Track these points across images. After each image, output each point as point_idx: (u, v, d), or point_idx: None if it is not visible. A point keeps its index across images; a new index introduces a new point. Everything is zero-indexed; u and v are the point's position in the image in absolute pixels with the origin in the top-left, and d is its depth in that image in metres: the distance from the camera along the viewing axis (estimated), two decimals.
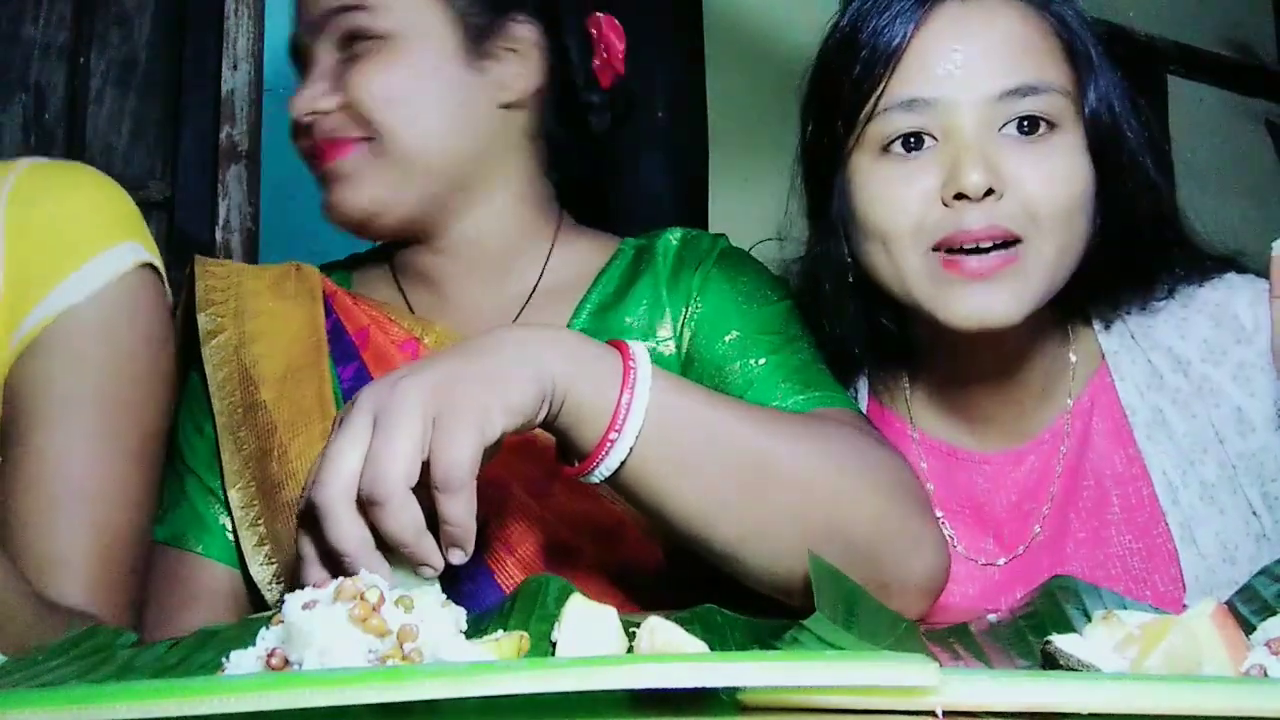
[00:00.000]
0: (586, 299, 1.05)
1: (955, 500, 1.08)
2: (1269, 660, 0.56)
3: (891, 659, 0.51)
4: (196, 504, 1.03)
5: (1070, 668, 0.59)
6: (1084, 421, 1.05)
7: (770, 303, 1.03)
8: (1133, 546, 1.02)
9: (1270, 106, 2.70)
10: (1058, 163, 0.94)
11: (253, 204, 1.80)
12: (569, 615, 0.63)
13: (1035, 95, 0.93)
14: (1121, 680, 0.54)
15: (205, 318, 1.06)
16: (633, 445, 0.73)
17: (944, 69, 0.94)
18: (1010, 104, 0.93)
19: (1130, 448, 1.03)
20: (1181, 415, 1.02)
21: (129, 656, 0.71)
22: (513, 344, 0.73)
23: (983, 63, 0.94)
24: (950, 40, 0.95)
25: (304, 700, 0.48)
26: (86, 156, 1.73)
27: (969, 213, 0.92)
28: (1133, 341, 1.05)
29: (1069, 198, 0.94)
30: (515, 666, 0.52)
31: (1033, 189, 0.93)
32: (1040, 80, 0.94)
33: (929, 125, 0.94)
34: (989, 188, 0.91)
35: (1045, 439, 1.06)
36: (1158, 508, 1.01)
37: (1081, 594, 0.78)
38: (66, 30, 1.74)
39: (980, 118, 0.93)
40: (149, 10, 1.80)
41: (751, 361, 0.98)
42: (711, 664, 0.50)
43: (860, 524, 0.79)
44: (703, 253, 1.06)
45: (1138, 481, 1.03)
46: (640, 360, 0.75)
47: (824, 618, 0.63)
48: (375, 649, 0.56)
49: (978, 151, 0.92)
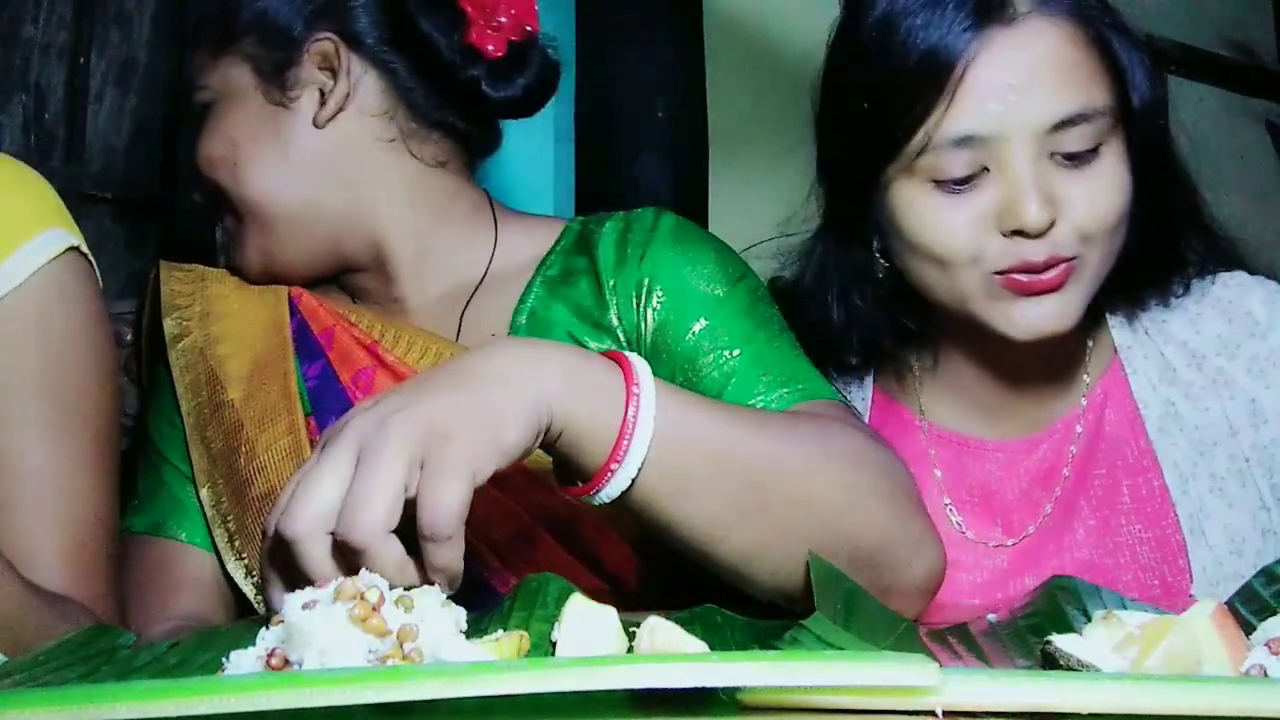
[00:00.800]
0: (532, 283, 1.05)
1: (964, 488, 1.09)
2: (1269, 660, 0.56)
3: (891, 659, 0.51)
4: (175, 491, 1.04)
5: (1070, 668, 0.59)
6: (1097, 413, 1.07)
7: (734, 282, 1.00)
8: (1142, 536, 1.03)
9: (1270, 106, 2.70)
10: (1104, 183, 0.95)
11: None
12: (569, 615, 0.63)
13: (1084, 124, 0.93)
14: (1121, 680, 0.54)
15: (171, 322, 1.07)
16: (637, 471, 0.71)
17: (998, 101, 0.93)
18: (1061, 134, 0.93)
19: (1142, 439, 1.05)
20: (1194, 408, 1.04)
21: (129, 656, 0.71)
22: (505, 370, 0.69)
23: (1034, 90, 0.93)
24: (1003, 72, 0.93)
25: (304, 700, 0.48)
26: (86, 156, 1.73)
27: (1030, 246, 0.93)
28: (1146, 336, 1.07)
29: (1116, 214, 0.95)
30: (515, 666, 0.52)
31: (1083, 212, 0.94)
32: (1088, 107, 0.93)
33: (982, 159, 0.93)
34: (1050, 223, 0.92)
35: (1058, 428, 1.07)
36: (1168, 499, 1.03)
37: (1081, 594, 0.78)
38: (66, 30, 1.73)
39: (1033, 148, 0.93)
40: (149, 10, 1.79)
41: (725, 354, 0.96)
42: (711, 664, 0.50)
43: (865, 534, 0.79)
44: (645, 235, 1.02)
45: (1148, 473, 1.04)
46: (644, 383, 0.71)
47: (824, 618, 0.63)
48: (375, 649, 0.56)
49: (1034, 186, 0.92)
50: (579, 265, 1.05)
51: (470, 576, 0.94)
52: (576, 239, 1.06)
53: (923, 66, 0.93)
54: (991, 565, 1.07)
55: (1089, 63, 0.95)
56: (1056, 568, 1.03)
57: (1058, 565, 1.04)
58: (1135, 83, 0.98)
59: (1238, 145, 2.63)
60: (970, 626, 0.76)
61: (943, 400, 1.11)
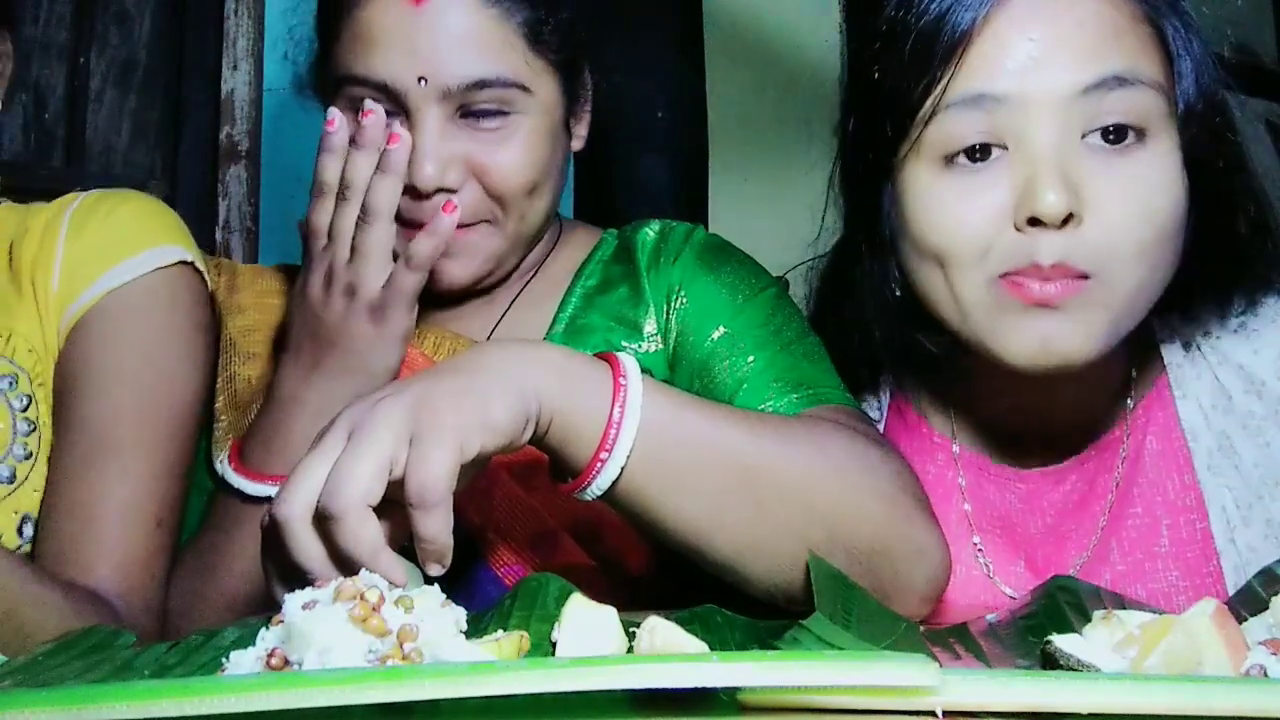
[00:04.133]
0: (571, 290, 1.06)
1: (988, 518, 0.98)
2: (1269, 660, 0.56)
3: (891, 659, 0.51)
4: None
5: (1070, 668, 0.59)
6: (1138, 440, 0.94)
7: (756, 293, 1.01)
8: (1178, 584, 0.91)
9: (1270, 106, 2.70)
10: (1147, 180, 0.81)
11: (253, 204, 1.80)
12: (569, 615, 0.63)
13: (1123, 89, 0.80)
14: (1121, 680, 0.54)
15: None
16: (624, 464, 0.72)
17: (1016, 60, 0.81)
18: (1094, 102, 0.80)
19: (1187, 474, 0.92)
20: (1252, 443, 0.90)
21: (129, 656, 0.71)
22: (495, 361, 0.71)
23: (1062, 51, 0.80)
24: (1025, 28, 0.81)
25: (304, 700, 0.48)
26: (86, 156, 1.73)
27: (1043, 242, 0.80)
28: (1198, 354, 0.94)
29: (1158, 226, 0.81)
30: (515, 666, 0.52)
31: (1117, 214, 0.80)
32: (1128, 70, 0.80)
33: (998, 129, 0.82)
34: (1069, 212, 0.79)
35: (1090, 455, 0.95)
36: (1211, 545, 0.91)
37: (1081, 594, 0.78)
38: (66, 30, 1.74)
39: (1059, 120, 0.80)
40: (149, 10, 1.80)
41: (741, 360, 0.97)
42: (711, 664, 0.50)
43: (862, 534, 0.78)
44: (680, 244, 1.05)
45: (1191, 513, 0.92)
46: (631, 376, 0.73)
47: (824, 618, 0.63)
48: (375, 649, 0.56)
49: (1055, 166, 0.80)
50: (616, 273, 1.06)
51: (487, 576, 0.95)
52: (615, 250, 1.08)
53: (935, 24, 0.83)
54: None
55: (1133, 29, 0.82)
56: None
57: None
58: (1191, 63, 0.84)
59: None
60: (970, 626, 0.75)
61: (968, 422, 1.00)
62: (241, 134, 1.79)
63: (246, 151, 1.79)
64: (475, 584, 0.95)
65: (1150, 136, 0.82)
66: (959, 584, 0.95)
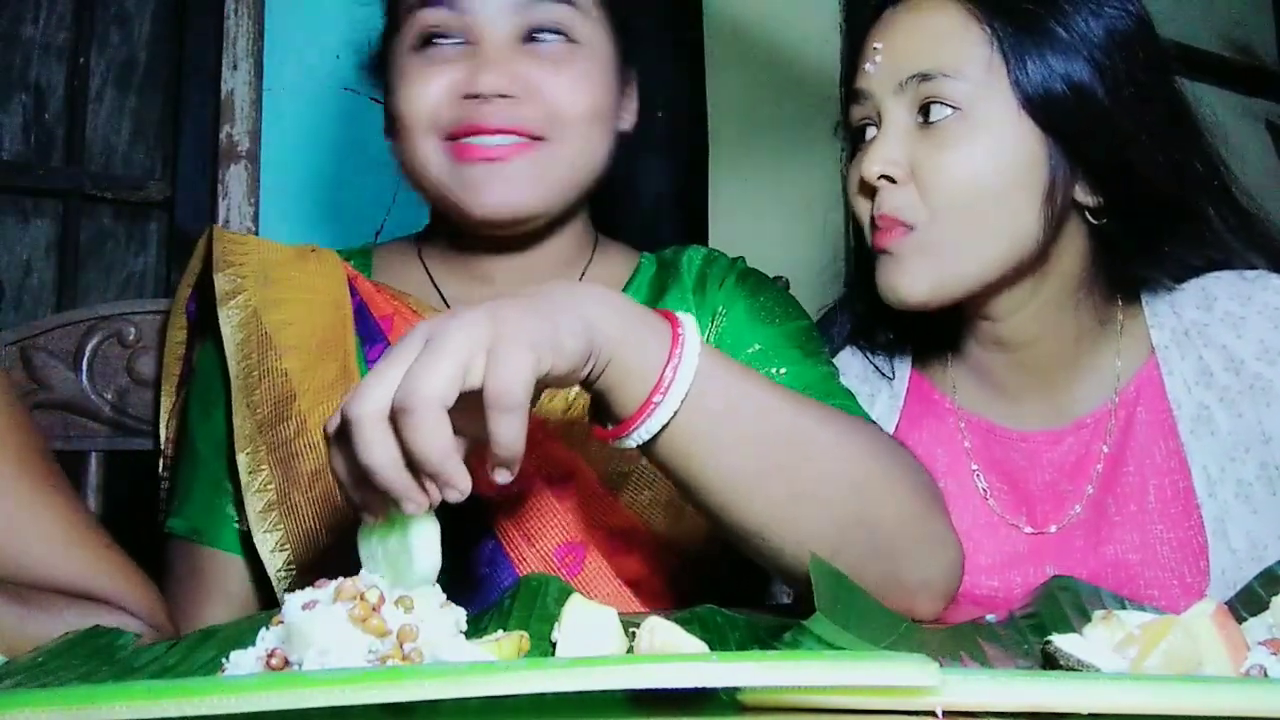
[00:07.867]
0: None
1: (993, 473, 1.11)
2: (1269, 660, 0.56)
3: (891, 659, 0.51)
4: (212, 497, 1.03)
5: (1070, 668, 0.59)
6: (1129, 411, 1.07)
7: (789, 319, 1.08)
8: (1164, 537, 1.03)
9: (1270, 106, 2.70)
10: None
11: (253, 204, 1.79)
12: (569, 615, 0.64)
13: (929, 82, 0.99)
14: (1121, 680, 0.54)
15: (224, 278, 1.05)
16: (674, 413, 0.73)
17: None
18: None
19: (1172, 440, 1.05)
20: (1228, 413, 1.03)
21: (129, 656, 0.71)
22: (565, 296, 0.72)
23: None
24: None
25: (304, 700, 0.48)
26: (86, 156, 1.73)
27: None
28: (1185, 338, 1.06)
29: (973, 190, 0.99)
30: (515, 666, 0.52)
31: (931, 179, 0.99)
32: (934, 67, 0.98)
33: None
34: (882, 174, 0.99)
35: (1086, 423, 1.08)
36: (1193, 501, 1.03)
37: (1081, 594, 0.78)
38: (66, 30, 1.74)
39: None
40: (149, 10, 1.80)
41: (772, 371, 1.02)
42: (711, 664, 0.50)
43: (887, 514, 0.80)
44: (724, 270, 1.10)
45: (1176, 474, 1.04)
46: (689, 329, 0.74)
47: (824, 618, 0.63)
48: (375, 649, 0.57)
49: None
50: (659, 292, 1.09)
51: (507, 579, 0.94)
52: (655, 274, 1.11)
53: None
54: (1011, 549, 1.07)
55: (964, 32, 0.99)
56: (1080, 561, 1.04)
57: (1081, 559, 1.05)
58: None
59: (1238, 145, 2.63)
60: (970, 626, 0.76)
61: (971, 385, 1.13)
62: (241, 134, 1.78)
63: (246, 151, 1.79)
64: (498, 586, 0.95)
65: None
66: (975, 524, 1.08)
